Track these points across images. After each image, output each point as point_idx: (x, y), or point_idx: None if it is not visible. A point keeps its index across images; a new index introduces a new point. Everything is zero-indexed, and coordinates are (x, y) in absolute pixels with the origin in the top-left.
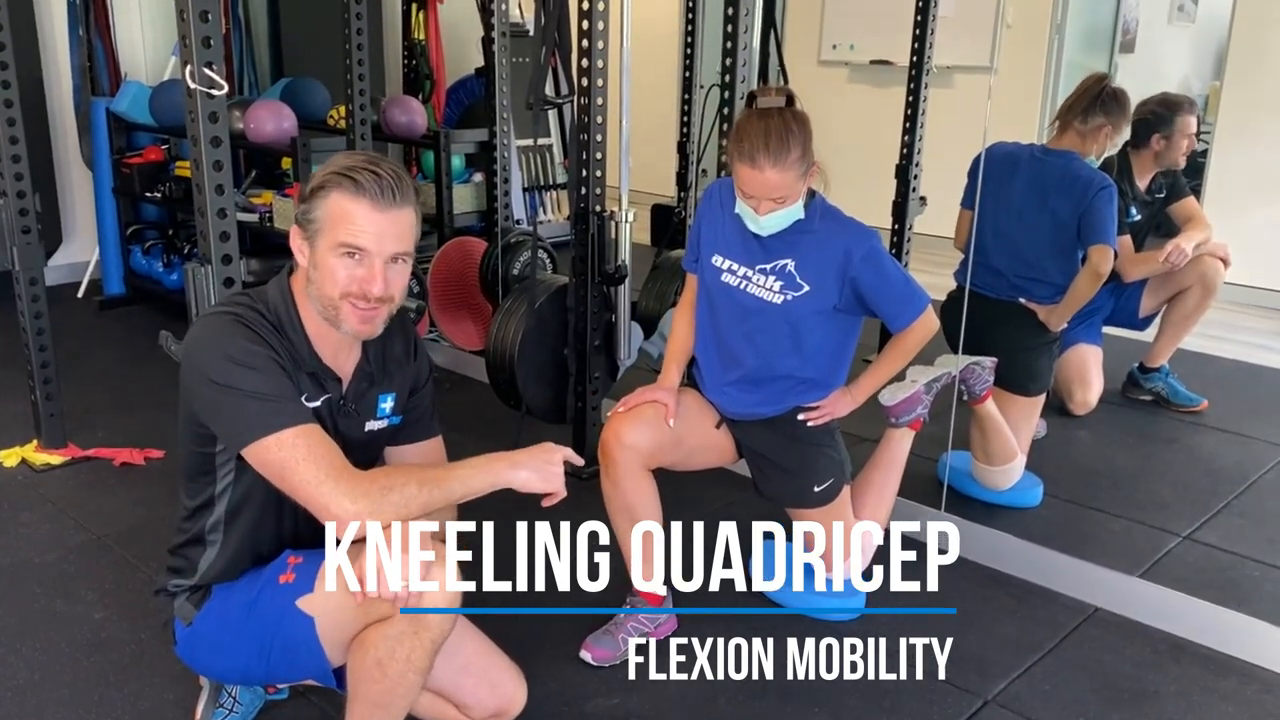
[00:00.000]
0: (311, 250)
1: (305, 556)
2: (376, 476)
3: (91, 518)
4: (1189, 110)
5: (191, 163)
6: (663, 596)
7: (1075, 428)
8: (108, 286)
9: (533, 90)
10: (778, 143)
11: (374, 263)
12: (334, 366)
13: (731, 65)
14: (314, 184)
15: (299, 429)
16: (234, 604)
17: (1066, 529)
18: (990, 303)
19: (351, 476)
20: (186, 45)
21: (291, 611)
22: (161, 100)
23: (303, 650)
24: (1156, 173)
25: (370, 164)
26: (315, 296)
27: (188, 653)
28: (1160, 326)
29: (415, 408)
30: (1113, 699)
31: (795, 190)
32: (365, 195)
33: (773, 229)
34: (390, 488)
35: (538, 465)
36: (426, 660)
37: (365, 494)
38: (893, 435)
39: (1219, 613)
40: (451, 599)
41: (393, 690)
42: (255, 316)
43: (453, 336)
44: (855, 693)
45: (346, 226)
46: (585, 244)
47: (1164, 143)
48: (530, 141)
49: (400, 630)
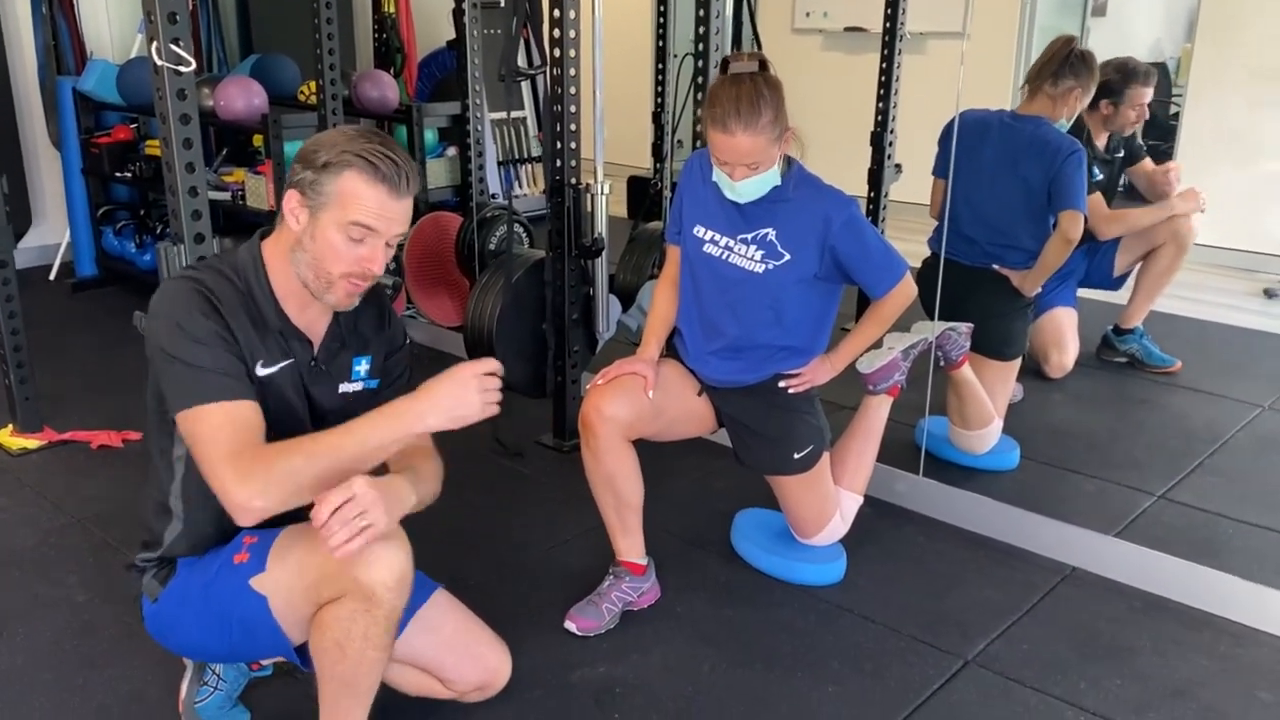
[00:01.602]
0: (311, 219)
1: (260, 536)
2: (263, 454)
3: (70, 501)
4: (1143, 82)
5: (161, 141)
6: (645, 566)
7: (1051, 391)
8: (80, 268)
9: (505, 62)
10: (749, 107)
11: (379, 244)
12: (303, 327)
13: (705, 34)
14: (327, 158)
15: (220, 405)
16: (194, 582)
17: (1043, 491)
18: (965, 269)
19: (241, 457)
20: (152, 21)
21: (246, 591)
22: (129, 78)
23: (261, 629)
24: (1112, 132)
25: (387, 149)
26: (305, 266)
27: (154, 629)
28: (1135, 286)
29: (392, 370)
30: (1090, 656)
31: (769, 156)
32: (383, 181)
33: (749, 196)
34: (274, 464)
35: (450, 403)
36: (384, 636)
37: (251, 474)
38: (871, 402)
39: (1193, 569)
40: (398, 575)
41: (356, 669)
42: (218, 280)
43: (430, 313)
44: (837, 656)
45: (361, 207)
46: (561, 217)
47: (1111, 109)
48: (504, 114)
49: (352, 609)
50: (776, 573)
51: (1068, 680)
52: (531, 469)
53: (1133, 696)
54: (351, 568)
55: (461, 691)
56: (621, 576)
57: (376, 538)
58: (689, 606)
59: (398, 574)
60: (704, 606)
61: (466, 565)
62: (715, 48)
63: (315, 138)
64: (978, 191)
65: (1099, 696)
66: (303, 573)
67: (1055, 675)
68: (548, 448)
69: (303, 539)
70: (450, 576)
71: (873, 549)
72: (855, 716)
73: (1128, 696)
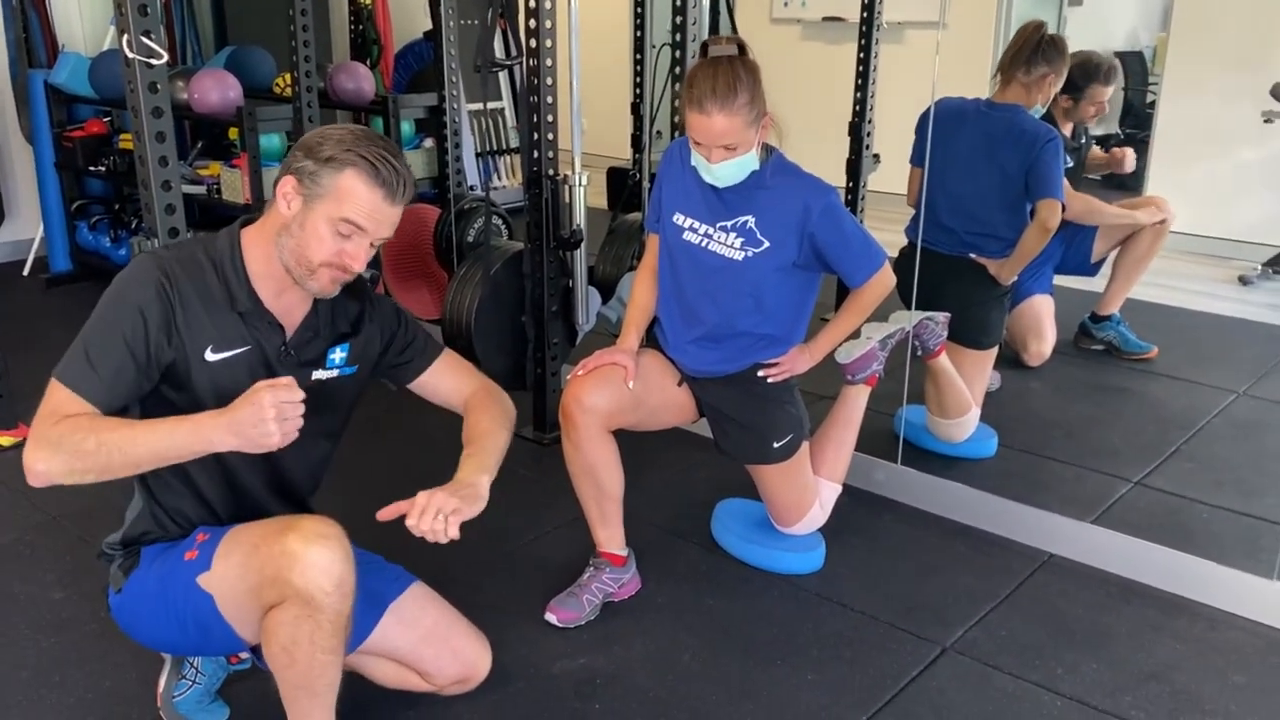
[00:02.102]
0: (304, 208)
1: (211, 533)
2: (64, 425)
3: (46, 498)
4: (1104, 80)
5: (133, 134)
6: (625, 557)
7: (1029, 379)
8: (54, 264)
9: (481, 53)
10: (725, 88)
11: (364, 243)
12: (278, 312)
13: (682, 24)
14: (332, 153)
15: (77, 397)
16: (151, 575)
17: (1021, 478)
18: (942, 258)
19: (47, 421)
20: (123, 14)
21: (194, 589)
22: (101, 71)
23: (212, 627)
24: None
25: (390, 155)
26: (289, 251)
27: (120, 619)
28: (1112, 273)
29: (407, 344)
30: (1067, 641)
31: (746, 138)
32: (382, 185)
33: (727, 179)
34: (66, 436)
35: (246, 428)
36: (331, 639)
37: (45, 439)
38: (849, 392)
39: (1169, 555)
40: (335, 579)
41: (308, 673)
42: (188, 263)
43: (408, 305)
44: (817, 644)
45: (355, 206)
46: (540, 209)
47: (1070, 103)
48: (481, 105)
49: (295, 614)
50: (756, 562)
51: (1045, 665)
52: (511, 461)
53: (1108, 681)
54: (288, 572)
55: (441, 685)
56: (602, 568)
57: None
58: (670, 597)
59: (335, 578)
60: (684, 596)
61: (445, 558)
62: (693, 38)
63: (321, 130)
64: (955, 180)
65: (1075, 681)
66: (244, 575)
67: (1032, 661)
68: (527, 440)
69: (245, 540)
70: (428, 569)
71: (852, 538)
72: (835, 704)
73: (1103, 681)
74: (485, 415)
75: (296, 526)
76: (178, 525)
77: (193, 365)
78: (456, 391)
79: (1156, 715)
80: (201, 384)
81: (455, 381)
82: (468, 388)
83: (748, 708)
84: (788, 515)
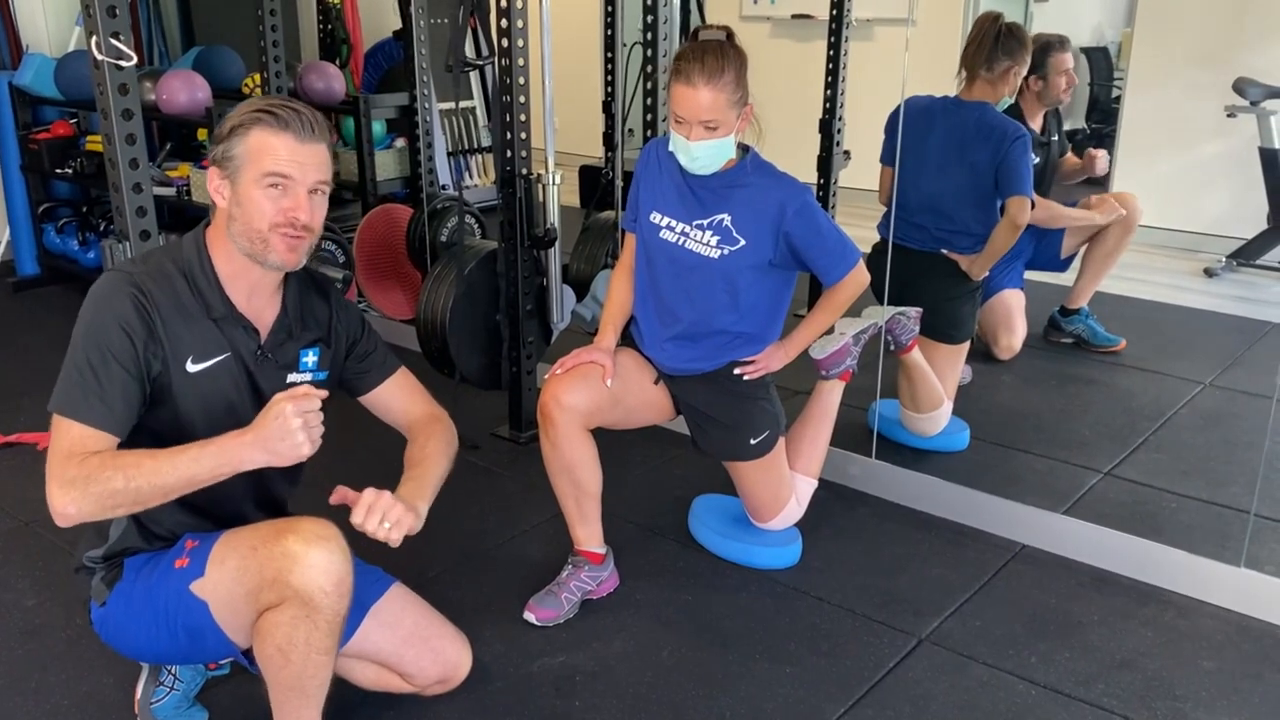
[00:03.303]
0: (233, 188)
1: (201, 540)
2: (88, 465)
3: (17, 504)
4: (1060, 48)
5: (103, 137)
6: (604, 555)
7: (1000, 372)
8: (21, 268)
9: (452, 52)
10: (714, 62)
11: (299, 190)
12: (250, 315)
13: (653, 23)
14: (232, 123)
15: (85, 427)
16: (138, 586)
17: (993, 471)
18: (914, 254)
19: (70, 462)
20: (91, 15)
21: (186, 596)
22: (67, 72)
23: (205, 634)
24: (1045, 113)
25: (284, 102)
26: (240, 234)
27: (104, 633)
28: (1081, 267)
29: (366, 354)
30: (1040, 631)
31: (728, 119)
32: (288, 129)
33: (705, 162)
34: (93, 477)
35: (274, 442)
36: (327, 640)
37: (72, 483)
38: (823, 387)
39: (1139, 544)
40: (335, 580)
41: (301, 674)
42: (158, 276)
43: (381, 306)
44: (794, 638)
45: (271, 156)
46: (513, 208)
47: (1041, 83)
48: (452, 104)
49: (292, 615)
50: (734, 557)
51: (1019, 655)
52: (488, 461)
53: (1081, 669)
54: (288, 574)
55: (422, 686)
56: (580, 565)
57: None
58: (647, 593)
59: (335, 578)
60: (662, 592)
61: (424, 558)
62: (664, 36)
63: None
64: (925, 177)
65: (1049, 670)
66: (241, 579)
67: (1007, 650)
68: (504, 439)
69: (241, 544)
70: (407, 570)
71: (827, 531)
72: (813, 696)
73: (1076, 669)
74: (431, 442)
75: (295, 529)
76: (161, 537)
77: (174, 378)
78: (405, 412)
79: (1129, 702)
80: (184, 396)
81: (406, 402)
82: (417, 410)
83: (726, 702)
84: (764, 511)
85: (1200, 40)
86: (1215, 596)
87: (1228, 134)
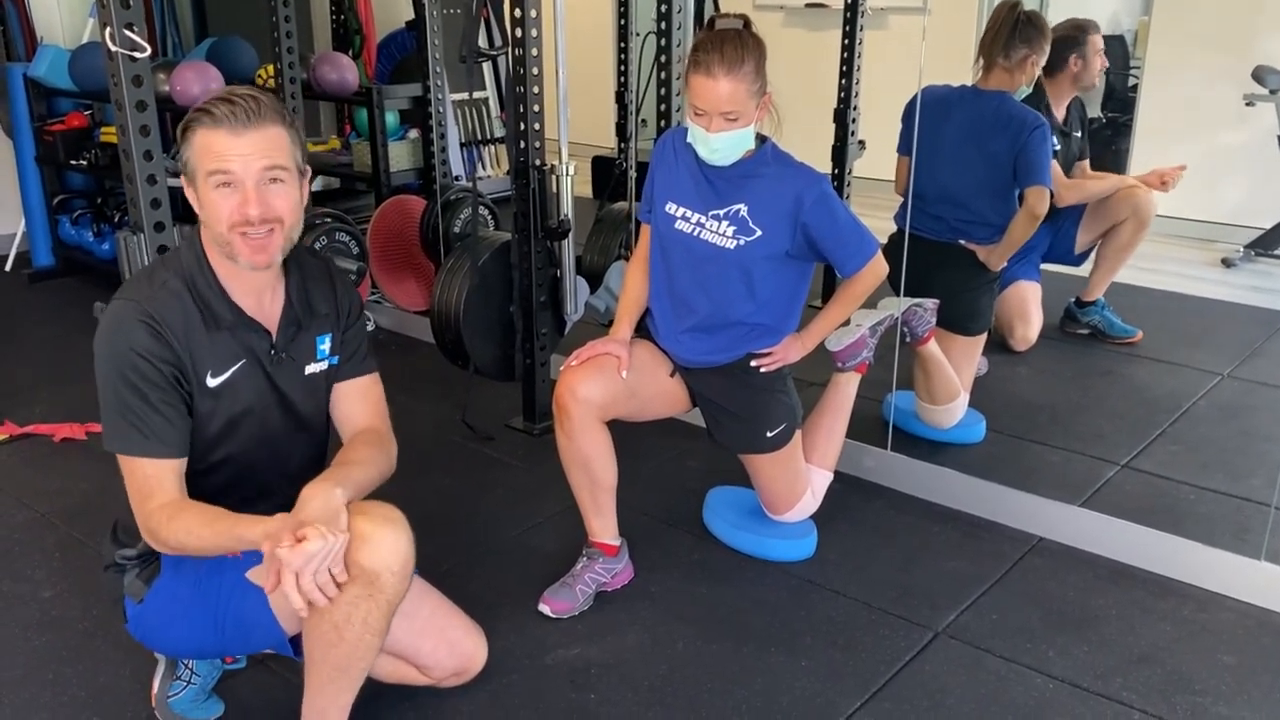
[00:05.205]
0: (195, 192)
1: None
2: (168, 507)
3: (34, 495)
4: (1095, 30)
5: (117, 128)
6: (618, 547)
7: (1016, 364)
8: (36, 259)
9: (465, 43)
10: (733, 52)
11: (246, 185)
12: (258, 316)
13: (667, 11)
14: (181, 130)
15: (147, 461)
16: (184, 579)
17: (1009, 463)
18: (931, 245)
19: (165, 509)
20: (105, 6)
21: (242, 584)
22: (82, 64)
23: (257, 622)
24: (1071, 101)
25: (225, 94)
26: (210, 237)
27: (140, 630)
28: (1096, 260)
29: (348, 343)
30: (1057, 624)
31: (748, 109)
32: (219, 124)
33: (724, 153)
34: (182, 544)
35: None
36: (383, 621)
37: (160, 525)
38: (839, 379)
39: (1156, 537)
40: (402, 560)
41: (351, 653)
42: (165, 297)
43: (395, 297)
44: (810, 631)
45: (211, 155)
46: (526, 199)
47: (1080, 62)
48: (466, 95)
49: (355, 594)
50: (749, 550)
51: (1036, 649)
52: (502, 452)
53: (1099, 663)
54: (356, 553)
55: (438, 678)
56: (595, 558)
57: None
58: (662, 586)
59: (402, 558)
60: (677, 585)
61: (439, 550)
62: (678, 25)
63: None
64: (942, 167)
65: (1067, 664)
66: None
67: (1024, 644)
68: (518, 430)
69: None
70: (423, 562)
71: (843, 524)
72: (829, 690)
73: (1095, 663)
74: (367, 450)
75: (363, 510)
76: None
77: (196, 393)
78: (351, 417)
79: (1148, 696)
80: (208, 410)
81: (360, 407)
82: (364, 420)
83: (742, 695)
84: (780, 503)
85: (1218, 28)
86: (1235, 590)
87: (1246, 122)
